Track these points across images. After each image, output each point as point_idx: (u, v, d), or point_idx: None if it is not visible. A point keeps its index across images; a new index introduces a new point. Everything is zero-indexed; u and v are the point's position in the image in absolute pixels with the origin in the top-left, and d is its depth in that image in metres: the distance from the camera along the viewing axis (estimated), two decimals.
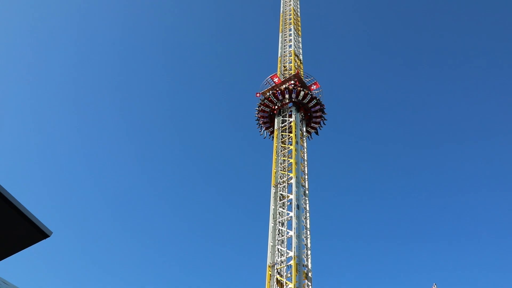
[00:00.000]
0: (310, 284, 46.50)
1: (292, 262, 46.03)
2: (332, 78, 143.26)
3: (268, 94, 62.15)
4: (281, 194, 52.91)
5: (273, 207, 52.10)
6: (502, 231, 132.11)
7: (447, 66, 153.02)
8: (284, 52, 68.81)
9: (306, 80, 63.84)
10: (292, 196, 51.35)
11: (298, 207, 50.50)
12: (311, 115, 61.98)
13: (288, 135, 57.80)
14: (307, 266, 47.64)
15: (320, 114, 62.19)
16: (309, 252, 48.82)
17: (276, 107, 61.51)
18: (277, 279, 46.56)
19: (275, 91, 61.48)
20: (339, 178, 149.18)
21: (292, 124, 58.29)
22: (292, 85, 61.37)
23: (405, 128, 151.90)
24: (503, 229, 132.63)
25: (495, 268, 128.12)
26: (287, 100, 60.61)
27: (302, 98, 60.32)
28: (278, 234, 49.95)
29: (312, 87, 63.25)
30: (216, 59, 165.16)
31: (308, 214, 51.89)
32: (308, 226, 50.75)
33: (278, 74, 64.67)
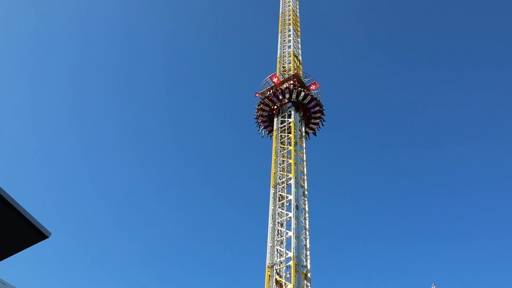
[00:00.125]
0: (309, 284, 46.48)
1: (291, 263, 46.01)
2: (331, 79, 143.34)
3: (267, 94, 62.14)
4: (280, 195, 52.90)
5: (272, 207, 52.09)
6: (501, 232, 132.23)
7: (446, 67, 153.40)
8: (283, 52, 68.80)
9: (305, 80, 63.85)
10: (291, 197, 51.34)
11: (297, 207, 50.50)
12: (310, 115, 61.97)
13: (287, 136, 57.76)
14: (306, 266, 47.63)
15: (319, 115, 62.19)
16: (308, 252, 48.81)
17: (275, 107, 61.48)
18: (276, 279, 46.56)
19: (275, 90, 61.47)
20: (338, 179, 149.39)
21: (291, 124, 58.24)
22: (292, 85, 61.37)
23: (404, 129, 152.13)
24: (502, 229, 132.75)
25: (495, 268, 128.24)
26: (286, 100, 60.60)
27: (301, 98, 60.31)
28: (277, 235, 49.95)
29: (311, 87, 63.25)
30: (215, 59, 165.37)
31: (307, 215, 51.89)
32: (307, 227, 50.75)
33: (277, 74, 64.66)
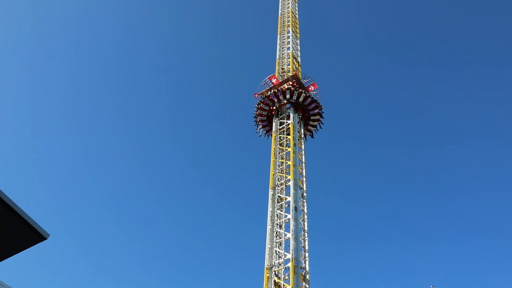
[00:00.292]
0: (308, 286, 46.35)
1: (290, 264, 45.95)
2: (330, 80, 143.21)
3: (267, 94, 62.13)
4: (279, 196, 52.88)
5: (270, 209, 52.05)
6: (501, 233, 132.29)
7: (446, 67, 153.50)
8: (282, 54, 68.83)
9: (304, 81, 63.89)
10: (290, 198, 51.29)
11: (296, 209, 50.45)
12: (309, 116, 62.01)
13: (286, 137, 57.77)
14: (305, 268, 47.56)
15: (318, 118, 62.22)
16: (307, 254, 48.76)
17: (274, 107, 61.50)
18: (274, 281, 46.49)
19: (275, 91, 61.46)
20: (337, 180, 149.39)
21: (290, 126, 58.24)
22: (291, 85, 61.40)
23: (403, 129, 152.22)
24: (502, 230, 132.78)
25: (494, 269, 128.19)
26: (285, 101, 60.62)
27: (300, 99, 60.34)
28: (276, 236, 49.90)
29: (310, 88, 63.29)
30: (215, 61, 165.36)
31: (306, 216, 51.84)
32: (306, 228, 50.69)
33: (276, 75, 64.70)
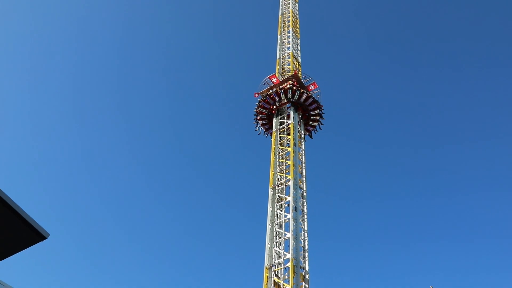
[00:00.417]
0: (307, 286, 46.33)
1: (289, 264, 45.96)
2: (330, 80, 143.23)
3: (267, 94, 62.13)
4: (278, 196, 52.89)
5: (270, 209, 52.06)
6: (501, 233, 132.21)
7: (446, 68, 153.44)
8: (282, 54, 68.83)
9: (304, 81, 63.94)
10: (289, 198, 51.30)
11: (295, 209, 50.46)
12: (309, 115, 62.04)
13: (286, 137, 57.79)
14: (304, 268, 47.56)
15: (318, 118, 62.26)
16: (306, 254, 48.76)
17: (275, 107, 61.53)
18: (274, 281, 46.49)
19: (277, 90, 61.47)
20: (337, 180, 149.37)
21: (290, 126, 58.27)
22: (291, 85, 61.44)
23: (403, 130, 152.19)
24: (502, 230, 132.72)
25: (494, 270, 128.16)
26: (285, 100, 60.66)
27: (301, 98, 60.39)
28: (276, 236, 49.90)
29: (310, 88, 63.36)
30: (215, 60, 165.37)
31: (305, 216, 51.84)
32: (305, 228, 50.70)
33: (277, 75, 64.72)
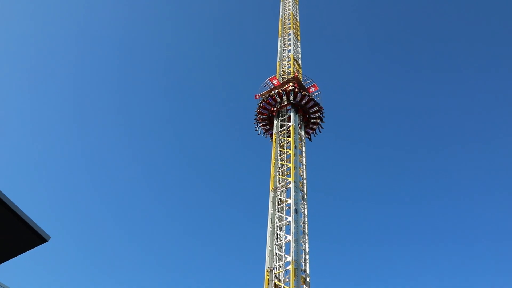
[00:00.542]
0: None
1: (290, 267, 45.96)
2: (331, 82, 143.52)
3: (269, 94, 62.14)
4: (279, 199, 52.89)
5: (271, 211, 52.06)
6: (501, 235, 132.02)
7: (447, 69, 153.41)
8: (283, 56, 68.91)
9: (305, 83, 64.03)
10: (290, 201, 51.31)
11: (296, 211, 50.46)
12: (310, 117, 62.07)
13: (287, 140, 57.81)
14: (305, 270, 47.54)
15: (318, 121, 62.28)
16: (307, 256, 48.75)
17: (275, 108, 61.58)
18: (275, 283, 46.48)
19: (278, 91, 61.45)
20: (338, 183, 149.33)
21: (290, 128, 58.31)
22: (291, 86, 61.47)
23: (403, 132, 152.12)
24: (502, 233, 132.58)
25: (493, 272, 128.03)
26: (286, 102, 60.70)
27: (301, 101, 60.44)
28: (276, 239, 49.89)
29: (311, 90, 63.46)
30: (215, 63, 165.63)
31: (306, 219, 51.86)
32: (306, 231, 50.71)
33: (277, 77, 64.79)
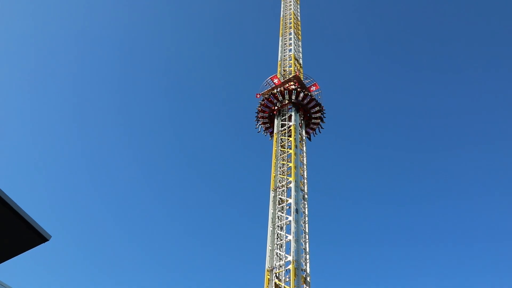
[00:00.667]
0: None
1: (290, 267, 45.91)
2: (332, 82, 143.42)
3: (272, 92, 62.09)
4: (280, 198, 52.83)
5: (272, 211, 52.01)
6: (500, 236, 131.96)
7: (448, 70, 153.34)
8: (284, 56, 68.85)
9: (306, 82, 64.00)
10: (291, 200, 51.27)
11: (297, 211, 50.41)
12: (310, 116, 62.04)
13: (288, 139, 57.77)
14: (305, 270, 47.52)
15: (318, 121, 62.25)
16: (307, 256, 48.73)
17: (276, 107, 61.55)
18: (275, 283, 46.45)
19: (281, 90, 61.34)
20: (338, 182, 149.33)
21: (291, 128, 58.26)
22: (292, 85, 61.44)
23: (404, 132, 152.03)
24: (501, 233, 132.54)
25: (493, 272, 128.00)
26: (287, 101, 60.67)
27: (302, 99, 60.42)
28: (277, 238, 49.85)
29: (312, 88, 63.42)
30: (216, 62, 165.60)
31: (307, 219, 51.83)
32: (307, 231, 50.68)
33: (278, 76, 64.77)
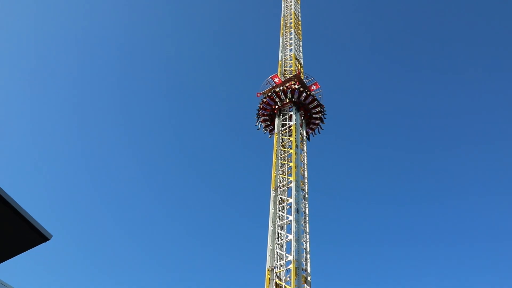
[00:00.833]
0: None
1: (291, 266, 45.94)
2: (332, 82, 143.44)
3: (274, 91, 62.08)
4: (280, 198, 52.85)
5: (272, 210, 52.03)
6: (500, 236, 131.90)
7: (449, 70, 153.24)
8: (284, 56, 68.84)
9: (306, 81, 63.95)
10: (291, 200, 51.30)
11: (297, 211, 50.43)
12: (311, 115, 62.04)
13: (288, 139, 57.78)
14: (306, 270, 47.54)
15: (318, 121, 62.24)
16: (308, 256, 48.74)
17: (277, 107, 61.57)
18: (276, 282, 46.48)
19: (283, 88, 61.35)
20: (339, 182, 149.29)
21: (292, 127, 58.28)
22: (293, 85, 61.46)
23: (405, 132, 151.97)
24: (501, 233, 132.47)
25: (493, 272, 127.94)
26: (287, 100, 60.68)
27: (305, 100, 60.44)
28: (278, 238, 49.88)
29: (312, 88, 63.40)
30: (217, 62, 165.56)
31: (307, 218, 51.83)
32: (307, 230, 50.69)
33: (279, 75, 64.78)
